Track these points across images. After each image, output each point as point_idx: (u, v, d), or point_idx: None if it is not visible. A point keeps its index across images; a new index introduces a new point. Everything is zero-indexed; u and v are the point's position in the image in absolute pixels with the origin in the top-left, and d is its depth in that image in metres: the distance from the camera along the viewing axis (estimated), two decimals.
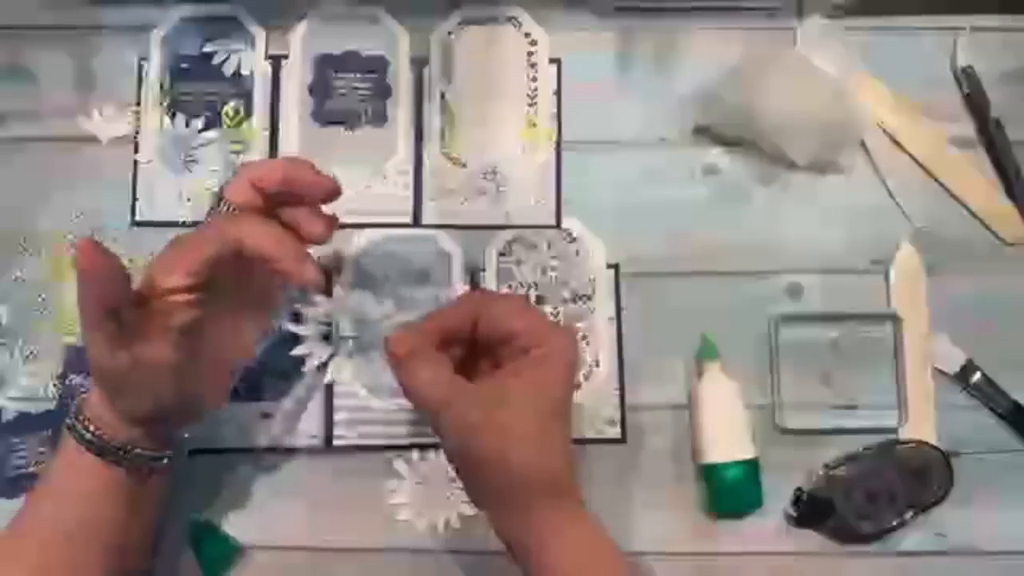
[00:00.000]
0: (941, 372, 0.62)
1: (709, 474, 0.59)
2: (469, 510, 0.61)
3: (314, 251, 0.54)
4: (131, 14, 0.66)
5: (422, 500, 0.61)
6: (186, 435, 0.56)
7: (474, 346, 0.52)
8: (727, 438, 0.59)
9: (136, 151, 0.65)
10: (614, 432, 0.62)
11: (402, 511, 0.61)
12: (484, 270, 0.64)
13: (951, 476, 0.59)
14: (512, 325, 0.49)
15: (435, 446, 0.61)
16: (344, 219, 0.63)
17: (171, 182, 0.64)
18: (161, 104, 0.65)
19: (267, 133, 0.65)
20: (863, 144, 0.64)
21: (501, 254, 0.64)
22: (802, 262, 0.64)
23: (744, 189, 0.65)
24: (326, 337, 0.61)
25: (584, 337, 0.63)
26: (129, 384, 0.48)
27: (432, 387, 0.47)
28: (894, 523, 0.59)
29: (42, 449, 0.61)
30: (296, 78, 0.66)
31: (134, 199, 0.64)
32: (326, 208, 0.55)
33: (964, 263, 0.63)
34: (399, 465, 0.61)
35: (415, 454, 0.61)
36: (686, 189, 0.65)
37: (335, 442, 0.61)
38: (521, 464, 0.47)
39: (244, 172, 0.52)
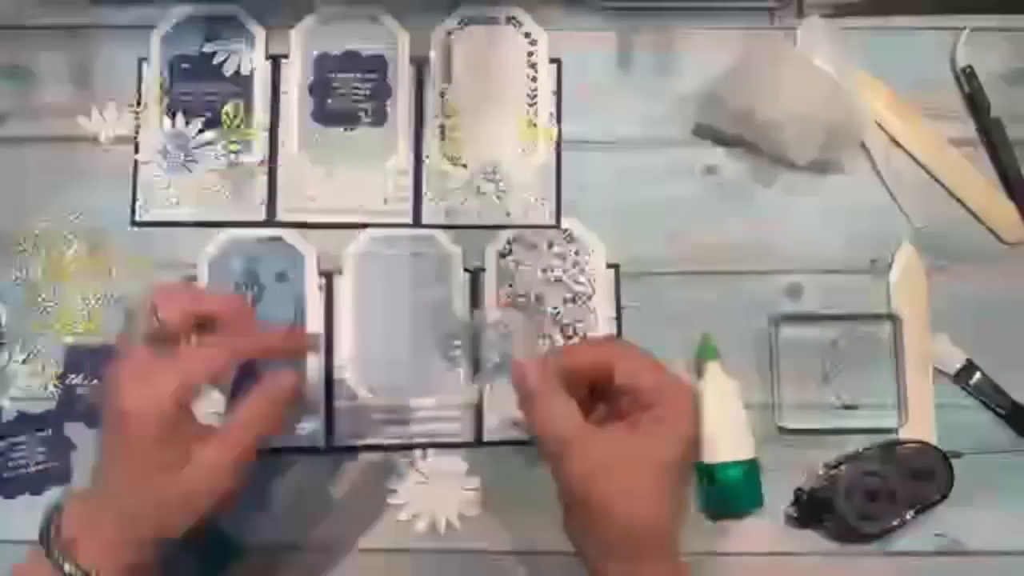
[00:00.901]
0: (941, 372, 0.62)
1: (709, 474, 0.59)
2: (469, 510, 0.61)
3: None
4: (131, 14, 0.66)
5: (422, 500, 0.61)
6: None
7: (592, 388, 0.52)
8: (727, 438, 0.59)
9: (136, 151, 0.65)
10: None
11: (402, 511, 0.61)
12: (484, 270, 0.64)
13: (951, 476, 0.59)
14: (642, 381, 0.49)
15: (436, 446, 0.61)
16: (344, 219, 0.64)
17: (171, 182, 0.64)
18: (161, 104, 0.65)
19: (267, 133, 0.65)
20: (863, 144, 0.64)
21: (501, 254, 0.64)
22: (802, 262, 0.64)
23: (744, 189, 0.65)
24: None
25: (584, 337, 0.63)
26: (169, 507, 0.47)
27: (562, 424, 0.48)
28: (894, 523, 0.59)
29: (42, 449, 0.61)
30: (296, 78, 0.66)
31: (134, 199, 0.64)
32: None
33: (964, 263, 0.63)
34: (400, 465, 0.61)
35: (416, 454, 0.61)
36: (686, 189, 0.65)
37: (335, 442, 0.61)
38: (629, 516, 0.47)
39: (176, 299, 0.50)
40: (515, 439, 0.62)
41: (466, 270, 0.63)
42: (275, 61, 0.66)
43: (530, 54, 0.66)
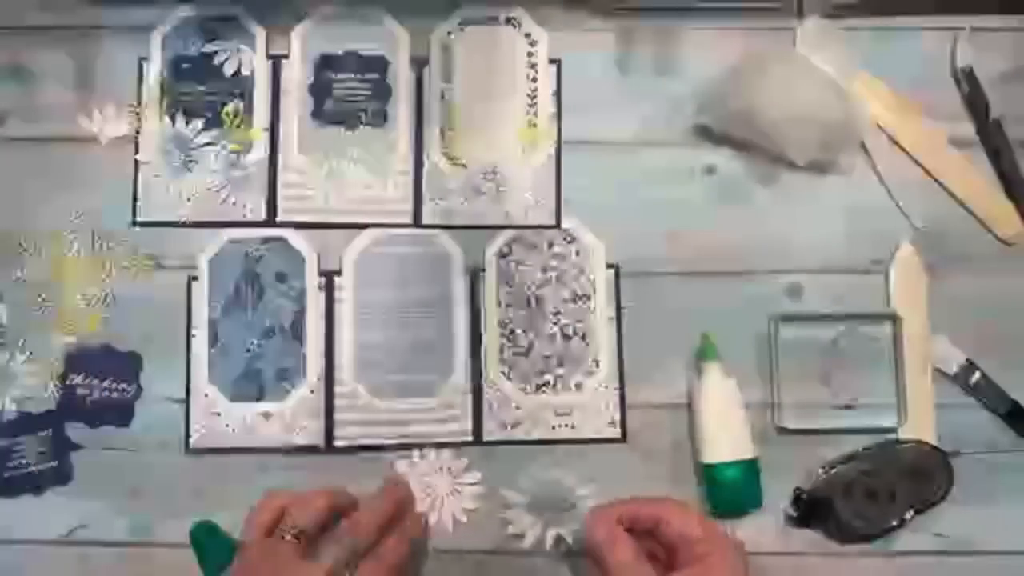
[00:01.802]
0: (941, 372, 0.62)
1: (709, 474, 0.59)
2: (471, 503, 0.61)
3: None
4: (131, 14, 0.66)
5: (422, 500, 0.61)
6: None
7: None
8: (727, 438, 0.59)
9: (136, 151, 0.65)
10: (614, 432, 0.62)
11: None
12: (484, 270, 0.64)
13: (951, 476, 0.59)
14: (696, 532, 0.53)
15: (436, 446, 0.62)
16: (344, 219, 0.64)
17: (171, 182, 0.64)
18: (161, 104, 0.65)
19: (267, 133, 0.65)
20: (863, 144, 0.64)
21: (501, 254, 0.64)
22: (802, 262, 0.64)
23: (744, 189, 0.65)
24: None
25: (584, 337, 0.63)
26: None
27: (634, 569, 0.52)
28: (894, 523, 0.59)
29: (42, 449, 0.61)
30: (296, 78, 0.66)
31: (134, 199, 0.64)
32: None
33: (964, 263, 0.63)
34: (400, 465, 0.61)
35: (416, 453, 0.61)
36: (686, 189, 0.65)
37: (336, 442, 0.62)
38: None
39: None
40: (514, 439, 0.62)
41: (466, 269, 0.63)
42: (275, 61, 0.66)
43: (530, 54, 0.66)
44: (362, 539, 0.54)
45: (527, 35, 0.66)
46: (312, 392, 0.62)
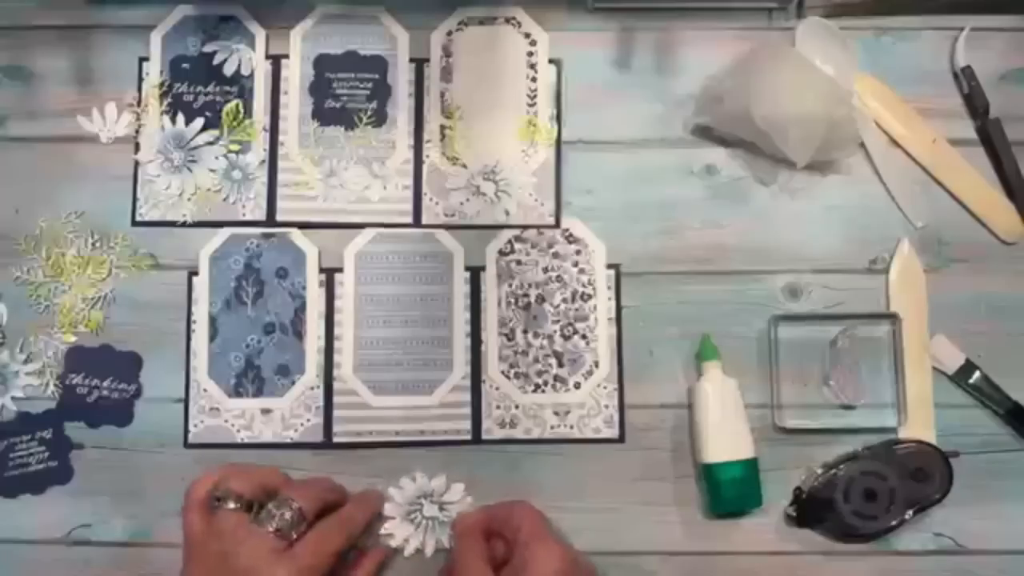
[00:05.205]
0: (940, 372, 0.62)
1: (709, 474, 0.59)
2: (467, 509, 0.61)
3: None
4: (131, 14, 0.66)
5: (421, 499, 0.61)
6: None
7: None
8: (727, 438, 0.59)
9: (136, 151, 0.65)
10: (613, 432, 0.62)
11: (401, 509, 0.61)
12: (484, 270, 0.64)
13: (950, 476, 0.59)
14: (522, 533, 0.54)
15: (435, 444, 0.62)
16: (344, 219, 0.64)
17: (171, 181, 0.64)
18: (161, 104, 0.65)
19: (267, 133, 0.65)
20: (863, 144, 0.64)
21: (501, 254, 0.64)
22: (802, 262, 0.64)
23: (744, 189, 0.65)
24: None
25: (584, 337, 0.63)
26: None
27: (468, 563, 0.55)
28: (894, 523, 0.59)
29: (42, 449, 0.62)
30: (296, 78, 0.66)
31: (134, 199, 0.64)
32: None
33: (964, 263, 0.63)
34: (399, 463, 0.61)
35: (415, 452, 0.61)
36: (686, 189, 0.65)
37: (334, 439, 0.62)
38: None
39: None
40: (513, 438, 0.62)
41: (467, 269, 0.63)
42: (275, 61, 0.66)
43: (530, 54, 0.66)
44: (306, 504, 0.55)
45: (527, 35, 0.66)
46: (312, 388, 0.62)
